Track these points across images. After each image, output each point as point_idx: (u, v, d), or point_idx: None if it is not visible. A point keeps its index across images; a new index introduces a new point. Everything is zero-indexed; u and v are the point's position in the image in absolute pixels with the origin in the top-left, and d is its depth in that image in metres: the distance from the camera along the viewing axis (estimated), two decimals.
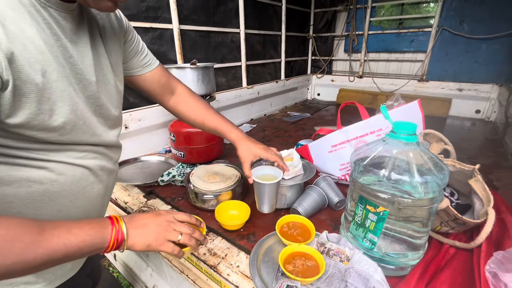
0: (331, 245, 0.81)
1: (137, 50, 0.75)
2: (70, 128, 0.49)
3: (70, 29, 0.49)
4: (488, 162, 1.53)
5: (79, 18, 0.52)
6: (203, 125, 0.89)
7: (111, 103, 0.62)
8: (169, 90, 0.86)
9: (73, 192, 0.55)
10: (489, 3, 2.14)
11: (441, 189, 0.67)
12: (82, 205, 0.59)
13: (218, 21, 1.95)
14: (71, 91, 0.48)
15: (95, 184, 0.60)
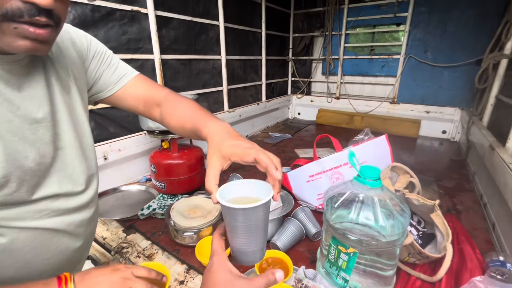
0: (307, 282, 0.85)
1: (106, 65, 0.67)
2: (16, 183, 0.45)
3: (17, 79, 0.46)
4: (453, 184, 1.65)
5: (30, 64, 0.49)
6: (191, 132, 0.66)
7: (80, 140, 0.59)
8: (154, 102, 0.71)
9: (37, 247, 0.51)
10: (449, 35, 2.36)
11: (404, 230, 0.74)
12: (51, 257, 0.55)
13: (200, 49, 2.01)
14: (14, 146, 0.45)
15: (67, 240, 0.57)
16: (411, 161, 2.05)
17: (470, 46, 2.24)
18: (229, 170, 1.80)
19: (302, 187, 1.33)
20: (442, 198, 1.47)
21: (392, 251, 0.74)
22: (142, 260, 1.05)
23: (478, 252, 0.95)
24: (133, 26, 1.51)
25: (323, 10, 2.94)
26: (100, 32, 1.37)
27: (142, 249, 1.11)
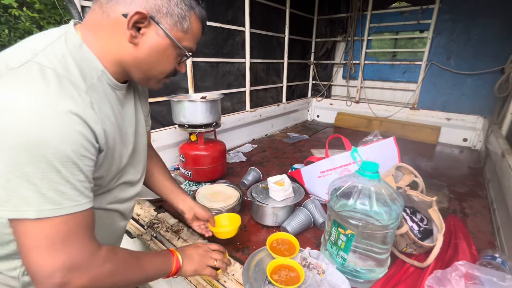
0: (311, 260, 0.98)
1: (148, 109, 0.87)
2: (116, 179, 0.66)
3: (122, 100, 0.65)
4: (465, 190, 1.69)
5: (129, 90, 0.69)
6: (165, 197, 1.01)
7: (143, 143, 0.79)
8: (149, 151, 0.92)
9: (101, 225, 0.65)
10: (473, 43, 2.35)
11: (397, 216, 0.85)
12: (107, 233, 0.72)
13: (227, 53, 2.19)
14: (121, 149, 0.64)
15: (122, 222, 0.77)
16: (426, 166, 2.08)
17: (494, 54, 2.22)
18: (247, 165, 1.96)
19: (313, 182, 1.45)
20: (451, 201, 1.52)
21: (385, 235, 0.85)
22: (170, 234, 1.24)
23: (474, 249, 1.02)
24: None
25: (346, 16, 3.02)
26: None
27: (170, 226, 1.29)
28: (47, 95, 0.46)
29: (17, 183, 0.44)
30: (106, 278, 0.55)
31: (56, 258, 0.47)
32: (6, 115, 0.43)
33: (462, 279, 0.75)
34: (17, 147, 0.43)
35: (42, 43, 0.51)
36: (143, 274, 0.65)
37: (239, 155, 2.16)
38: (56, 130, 0.44)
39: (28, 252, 0.47)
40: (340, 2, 3.04)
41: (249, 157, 2.16)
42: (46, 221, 0.46)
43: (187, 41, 0.61)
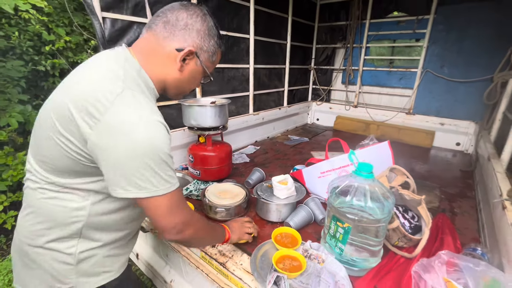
0: (312, 251, 1.09)
1: None
2: None
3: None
4: (455, 191, 1.80)
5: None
6: None
7: None
8: None
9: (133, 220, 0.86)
10: (465, 53, 2.48)
11: (389, 211, 0.96)
12: (135, 227, 0.90)
13: (232, 59, 2.31)
14: None
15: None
16: (420, 169, 2.20)
17: (484, 64, 2.34)
18: (251, 165, 2.07)
19: (314, 182, 1.56)
20: (441, 202, 1.64)
21: (378, 228, 0.96)
22: None
23: (458, 243, 1.14)
24: None
25: (346, 24, 3.15)
26: None
27: None
28: (151, 112, 0.65)
29: (147, 174, 0.62)
30: (200, 231, 0.81)
31: (177, 218, 0.71)
32: (135, 131, 0.61)
33: (444, 266, 0.86)
34: (144, 152, 0.61)
35: (118, 70, 0.66)
36: (213, 235, 0.96)
37: (242, 156, 2.27)
38: (162, 138, 0.64)
39: (159, 217, 0.69)
40: (340, 11, 3.17)
41: (252, 158, 2.27)
42: (167, 196, 0.67)
43: (211, 69, 0.83)
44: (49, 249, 0.71)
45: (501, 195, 1.09)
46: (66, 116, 0.62)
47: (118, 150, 0.60)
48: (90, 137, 0.60)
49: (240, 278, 1.05)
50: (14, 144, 2.54)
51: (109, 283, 0.80)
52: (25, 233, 0.73)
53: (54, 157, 0.66)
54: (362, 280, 0.97)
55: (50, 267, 0.72)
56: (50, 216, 0.70)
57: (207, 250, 1.18)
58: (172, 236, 0.72)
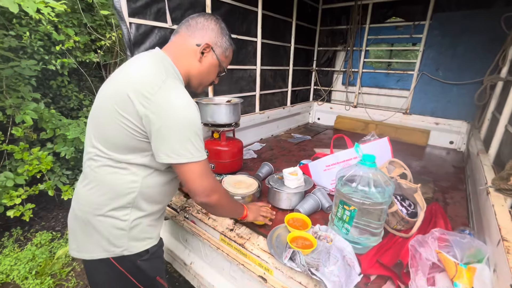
0: (321, 233, 1.23)
1: None
2: None
3: None
4: (448, 184, 1.96)
5: None
6: None
7: None
8: None
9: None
10: (458, 57, 2.65)
11: (389, 196, 1.11)
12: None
13: (240, 60, 2.45)
14: None
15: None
16: (416, 165, 2.35)
17: (476, 67, 2.52)
18: (258, 161, 2.21)
19: (320, 175, 1.71)
20: (435, 193, 1.80)
21: (380, 211, 1.11)
22: (201, 215, 1.48)
23: (449, 226, 1.29)
24: None
25: (346, 28, 3.30)
26: None
27: (200, 208, 1.54)
28: (188, 95, 0.83)
29: (186, 144, 0.79)
30: (223, 199, 0.96)
31: (206, 182, 0.86)
32: (178, 108, 0.79)
33: (436, 241, 1.01)
34: (185, 126, 0.79)
35: (159, 65, 0.85)
36: (234, 207, 1.11)
37: (250, 152, 2.41)
38: (197, 116, 0.83)
39: (192, 180, 0.84)
40: (341, 16, 3.32)
41: (259, 154, 2.42)
42: (199, 163, 0.83)
43: (226, 64, 1.02)
44: (109, 216, 0.87)
45: (486, 183, 1.25)
46: (125, 100, 0.79)
47: (166, 123, 0.77)
48: (145, 114, 0.77)
49: (258, 256, 1.19)
50: (28, 141, 2.65)
51: (151, 248, 0.97)
52: (90, 204, 0.88)
53: (115, 135, 0.82)
54: (366, 256, 1.11)
55: (108, 232, 0.87)
56: (111, 188, 0.86)
57: (226, 233, 1.32)
58: (201, 199, 0.87)
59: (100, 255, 0.89)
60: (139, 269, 0.95)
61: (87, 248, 0.90)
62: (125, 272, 0.93)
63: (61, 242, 2.45)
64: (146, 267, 0.97)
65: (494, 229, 0.91)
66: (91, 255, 0.90)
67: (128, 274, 0.94)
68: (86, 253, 0.90)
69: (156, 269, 1.04)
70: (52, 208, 3.00)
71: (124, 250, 0.90)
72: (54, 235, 2.53)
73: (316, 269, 1.04)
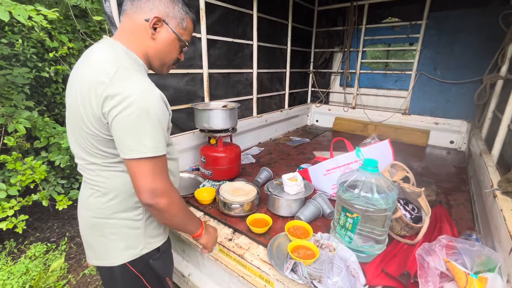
0: (323, 241, 1.19)
1: None
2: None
3: None
4: (450, 186, 1.92)
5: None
6: None
7: None
8: None
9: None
10: (456, 56, 2.63)
11: (393, 202, 1.06)
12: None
13: (237, 64, 2.41)
14: None
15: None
16: (417, 166, 2.32)
17: (475, 66, 2.49)
18: (257, 166, 2.16)
19: (320, 179, 1.66)
20: (438, 195, 1.75)
21: (384, 217, 1.07)
22: None
23: (455, 230, 1.25)
24: (190, 48, 1.93)
25: (343, 29, 3.28)
26: None
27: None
28: (146, 83, 0.75)
29: (140, 137, 0.72)
30: (174, 206, 0.83)
31: (159, 183, 0.77)
32: (149, 96, 0.73)
33: (444, 249, 0.97)
34: (142, 115, 0.71)
35: (109, 55, 0.77)
36: (187, 219, 0.94)
37: (248, 157, 2.37)
38: (156, 105, 0.75)
39: (140, 177, 0.75)
40: (337, 17, 3.31)
41: (258, 159, 2.37)
42: (155, 159, 0.75)
43: (186, 36, 0.89)
44: (123, 219, 0.87)
45: (492, 186, 1.21)
46: (81, 101, 0.74)
47: (120, 116, 0.70)
48: (101, 111, 0.72)
49: (258, 267, 1.14)
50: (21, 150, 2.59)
51: (162, 246, 0.98)
52: (102, 210, 0.86)
53: (89, 141, 0.78)
54: (371, 265, 1.07)
55: (125, 234, 0.88)
56: (118, 192, 0.84)
57: (224, 243, 1.27)
58: (148, 199, 0.76)
59: (119, 260, 0.89)
60: (151, 269, 0.95)
61: (104, 255, 0.90)
62: (138, 275, 0.93)
63: (56, 254, 2.39)
64: (158, 266, 0.97)
65: (505, 236, 0.87)
66: (110, 261, 0.89)
67: (141, 276, 0.94)
68: (104, 260, 0.90)
69: (166, 269, 1.04)
70: (47, 219, 2.93)
71: (143, 248, 0.91)
72: (49, 247, 2.47)
73: (319, 281, 1.00)
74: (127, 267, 0.90)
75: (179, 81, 1.92)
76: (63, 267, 2.24)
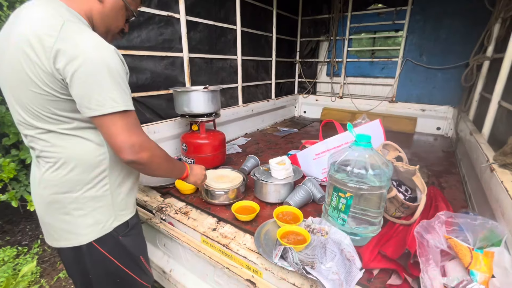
0: (314, 226, 1.10)
1: None
2: None
3: None
4: (441, 169, 1.89)
5: None
6: None
7: None
8: None
9: None
10: (441, 41, 2.62)
11: (388, 179, 0.99)
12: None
13: (220, 50, 2.29)
14: None
15: None
16: (406, 153, 2.26)
17: (459, 50, 2.49)
18: (243, 155, 2.06)
19: (309, 164, 1.58)
20: (430, 178, 1.71)
21: (378, 198, 0.99)
22: (180, 215, 1.31)
23: (451, 209, 1.19)
24: (168, 29, 1.80)
25: (328, 17, 3.22)
26: (143, 33, 1.66)
27: (179, 208, 1.37)
28: (98, 37, 0.69)
29: (107, 91, 0.67)
30: (156, 157, 0.82)
31: (135, 137, 0.73)
32: (106, 51, 0.67)
33: (443, 225, 0.90)
34: (103, 69, 0.65)
35: (49, 10, 0.67)
36: (172, 166, 0.94)
37: (234, 147, 2.26)
38: (114, 59, 0.69)
39: (116, 135, 0.70)
40: (322, 4, 3.24)
41: (244, 149, 2.26)
42: (126, 114, 0.71)
43: (133, 6, 0.86)
44: (88, 190, 0.79)
45: (487, 161, 1.16)
46: (29, 57, 0.64)
47: (80, 72, 0.64)
48: (53, 66, 0.64)
49: (245, 257, 1.04)
50: None
51: (131, 219, 0.92)
52: (61, 184, 0.77)
53: (41, 104, 0.69)
54: (366, 248, 0.99)
55: (91, 207, 0.80)
56: (78, 161, 0.76)
57: (208, 233, 1.16)
58: (129, 156, 0.73)
59: (88, 237, 0.82)
60: (122, 247, 0.89)
61: (69, 234, 0.81)
62: (107, 255, 0.86)
63: (28, 257, 2.19)
64: (129, 243, 0.91)
65: (510, 206, 0.81)
66: (77, 241, 0.82)
67: (111, 257, 0.87)
68: (69, 241, 0.82)
69: (138, 246, 0.97)
70: (18, 221, 2.71)
71: (114, 221, 0.85)
72: (20, 251, 2.26)
73: (311, 267, 0.90)
74: (95, 247, 0.83)
75: (157, 64, 1.78)
76: (35, 271, 2.06)
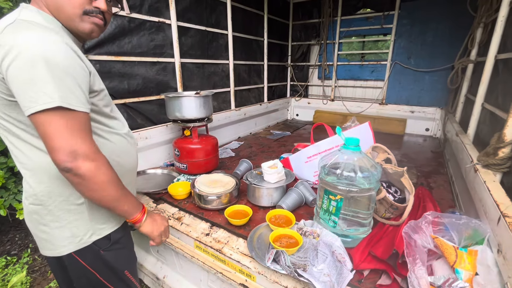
0: (306, 228, 1.11)
1: None
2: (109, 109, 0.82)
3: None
4: (429, 169, 1.94)
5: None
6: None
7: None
8: None
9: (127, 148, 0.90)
10: (428, 44, 2.70)
11: (377, 181, 1.01)
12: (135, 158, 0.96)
13: (212, 54, 2.30)
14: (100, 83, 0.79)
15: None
16: (396, 154, 2.32)
17: (446, 53, 2.56)
18: (236, 159, 2.07)
19: (301, 167, 1.60)
20: (419, 178, 1.75)
21: (368, 200, 1.01)
22: (173, 221, 1.31)
23: (438, 209, 1.22)
24: (159, 34, 1.80)
25: (319, 22, 3.28)
26: (133, 39, 1.66)
27: (172, 214, 1.36)
28: (45, 32, 0.62)
29: (43, 86, 0.59)
30: (102, 174, 0.68)
31: (77, 143, 0.63)
32: (49, 45, 0.60)
33: (430, 225, 0.93)
34: (40, 62, 0.58)
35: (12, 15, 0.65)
36: (119, 197, 0.75)
37: (227, 151, 2.26)
38: (57, 52, 0.61)
39: (55, 136, 0.61)
40: (313, 9, 3.29)
41: (237, 153, 2.27)
42: (68, 112, 0.61)
43: None
44: (61, 203, 0.75)
45: (472, 161, 1.20)
46: None
47: (14, 65, 0.58)
48: None
49: (238, 261, 1.05)
50: None
51: (114, 233, 0.85)
52: (34, 196, 0.74)
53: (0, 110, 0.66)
54: (357, 249, 1.01)
55: (66, 221, 0.76)
56: (43, 172, 0.71)
57: (201, 238, 1.16)
58: (63, 161, 0.61)
59: (66, 249, 0.78)
60: (103, 261, 0.84)
61: (50, 245, 0.79)
62: (88, 268, 0.82)
63: (17, 267, 2.14)
64: (111, 258, 0.85)
65: (492, 206, 0.84)
66: (56, 251, 0.79)
67: (92, 270, 0.82)
68: (51, 250, 0.79)
69: (122, 261, 0.90)
70: (7, 230, 2.65)
71: (92, 235, 0.80)
72: (9, 260, 2.21)
73: (303, 269, 0.92)
74: (75, 258, 0.80)
75: (149, 70, 1.78)
76: (25, 282, 2.01)
